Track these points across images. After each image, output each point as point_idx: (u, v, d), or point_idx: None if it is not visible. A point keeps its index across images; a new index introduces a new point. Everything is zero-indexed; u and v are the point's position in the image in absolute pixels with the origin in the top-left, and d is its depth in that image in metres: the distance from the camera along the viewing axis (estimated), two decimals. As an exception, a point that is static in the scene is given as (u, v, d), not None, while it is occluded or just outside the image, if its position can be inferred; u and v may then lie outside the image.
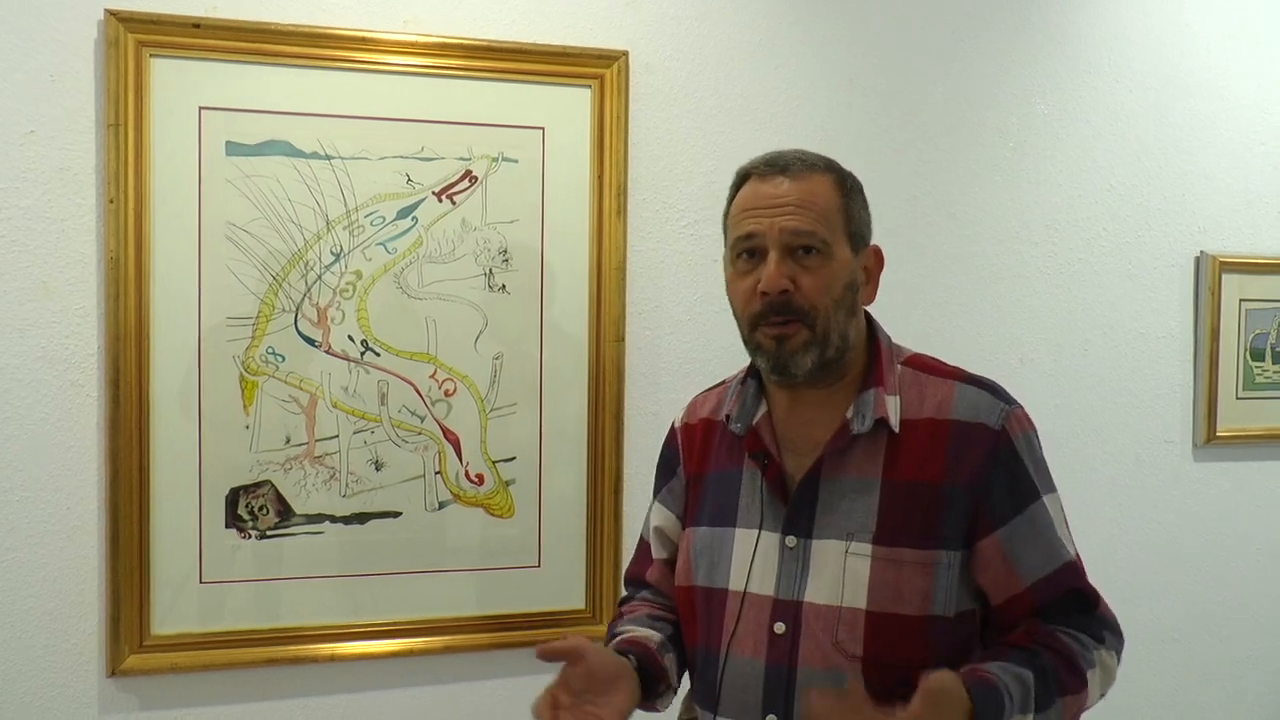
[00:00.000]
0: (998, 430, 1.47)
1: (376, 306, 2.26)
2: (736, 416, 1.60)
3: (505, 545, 2.36)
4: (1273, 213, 2.98)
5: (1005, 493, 1.47)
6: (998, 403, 1.50)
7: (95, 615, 2.15)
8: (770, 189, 1.51)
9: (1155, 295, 2.88)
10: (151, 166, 2.11)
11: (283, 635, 2.23)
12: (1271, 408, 2.98)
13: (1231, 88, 2.93)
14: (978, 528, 1.46)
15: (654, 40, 2.43)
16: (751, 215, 1.51)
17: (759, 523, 1.54)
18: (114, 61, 2.07)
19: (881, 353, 1.55)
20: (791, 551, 1.50)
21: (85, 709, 2.15)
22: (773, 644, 1.48)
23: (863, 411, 1.50)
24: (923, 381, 1.53)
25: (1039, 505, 1.48)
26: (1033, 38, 2.74)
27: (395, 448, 2.28)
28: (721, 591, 1.55)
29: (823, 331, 1.48)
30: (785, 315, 1.47)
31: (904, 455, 1.48)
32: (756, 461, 1.56)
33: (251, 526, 2.21)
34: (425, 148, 2.27)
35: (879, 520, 1.46)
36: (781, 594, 1.49)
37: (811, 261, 1.47)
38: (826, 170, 1.54)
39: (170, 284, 2.14)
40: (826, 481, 1.50)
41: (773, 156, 1.55)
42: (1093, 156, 2.81)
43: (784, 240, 1.47)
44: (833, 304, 1.48)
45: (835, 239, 1.49)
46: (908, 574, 1.44)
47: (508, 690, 2.38)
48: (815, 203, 1.49)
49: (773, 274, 1.46)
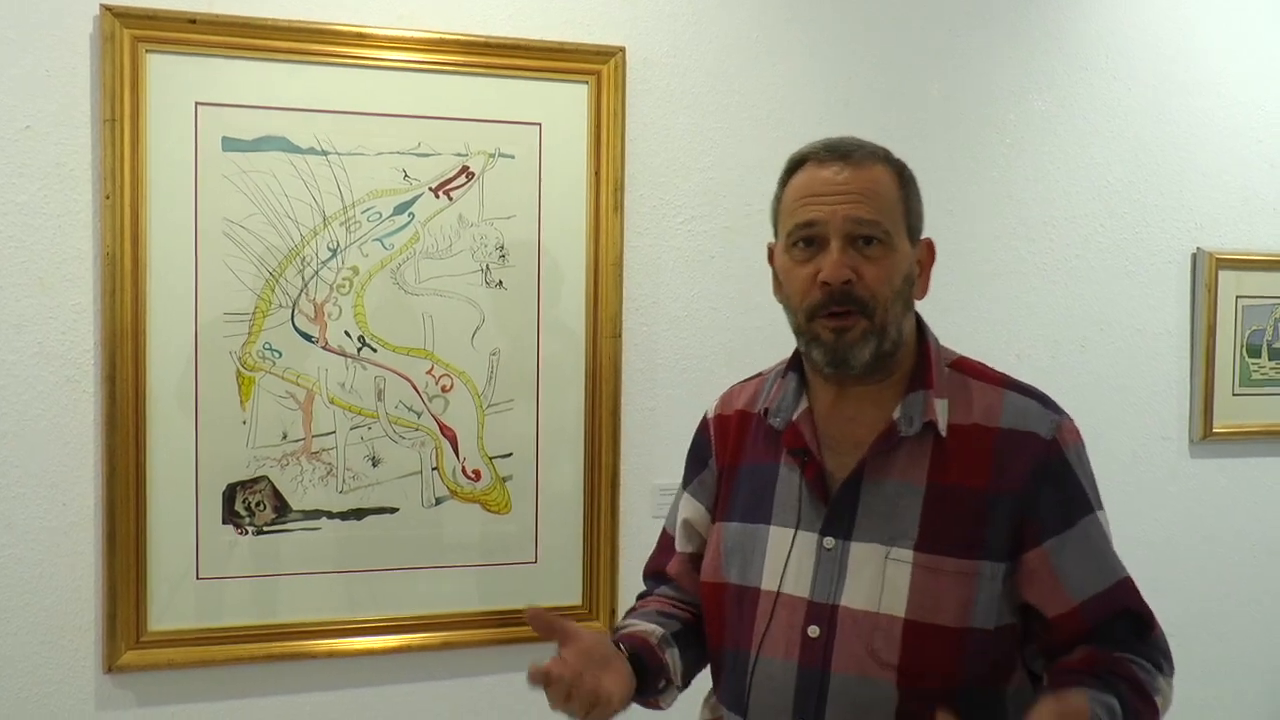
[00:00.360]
0: (1048, 440, 1.42)
1: (373, 302, 2.25)
2: (776, 410, 1.55)
3: (502, 541, 2.36)
4: (1269, 209, 2.98)
5: (1055, 504, 1.41)
6: (1047, 412, 1.45)
7: (92, 611, 2.15)
8: (831, 175, 1.45)
9: (1152, 292, 2.88)
10: (148, 162, 2.11)
11: (279, 631, 2.23)
12: (1268, 404, 2.98)
13: (1228, 85, 2.93)
14: (1024, 539, 1.40)
15: (651, 36, 2.43)
16: (812, 202, 1.45)
17: (796, 521, 1.48)
18: (110, 57, 2.06)
19: (931, 353, 1.50)
20: (829, 553, 1.44)
21: (82, 705, 2.15)
22: (806, 647, 1.43)
23: (911, 413, 1.44)
24: (969, 386, 1.48)
25: (1091, 519, 1.43)
26: (1030, 35, 2.74)
27: (392, 444, 2.28)
28: (754, 590, 1.50)
29: (881, 323, 1.42)
30: (845, 306, 1.41)
31: (950, 460, 1.43)
32: (795, 458, 1.50)
33: (248, 522, 2.21)
34: (422, 143, 2.26)
35: (921, 526, 1.40)
36: (817, 596, 1.43)
37: (873, 252, 1.42)
38: (886, 160, 1.49)
39: (167, 280, 2.14)
40: (869, 483, 1.44)
41: (832, 142, 1.48)
42: (1090, 153, 2.81)
43: (846, 229, 1.42)
44: (892, 295, 1.43)
45: (896, 230, 1.45)
46: (948, 583, 1.38)
47: (504, 686, 2.38)
48: (878, 192, 1.44)
49: (836, 263, 1.41)
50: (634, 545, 2.45)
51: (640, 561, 2.43)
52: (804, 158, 1.50)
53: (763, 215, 2.50)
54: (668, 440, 2.47)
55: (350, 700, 2.30)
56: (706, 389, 2.47)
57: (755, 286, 2.52)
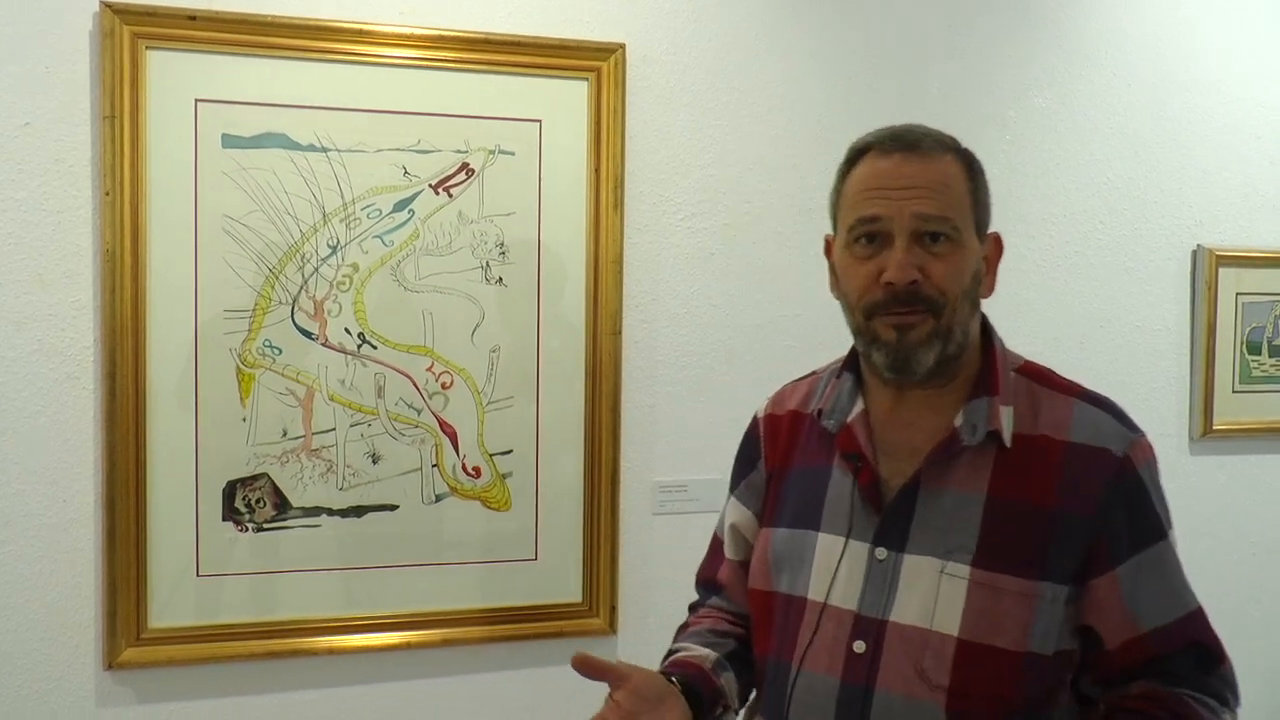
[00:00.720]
0: (1121, 458, 1.33)
1: (373, 299, 2.25)
2: (830, 412, 1.48)
3: (502, 538, 2.36)
4: (1269, 206, 2.98)
5: (1127, 528, 1.32)
6: (1121, 428, 1.36)
7: (92, 608, 2.15)
8: (897, 168, 1.36)
9: (1152, 289, 2.88)
10: (147, 159, 2.11)
11: (280, 628, 2.23)
12: (1267, 401, 2.98)
13: (1228, 82, 2.93)
14: (1093, 564, 1.32)
15: (651, 33, 2.43)
16: (875, 196, 1.37)
17: (847, 530, 1.41)
18: (109, 53, 2.06)
19: (997, 356, 1.43)
20: (881, 565, 1.36)
21: (82, 702, 2.15)
22: (850, 663, 1.36)
23: (974, 421, 1.36)
24: (1037, 394, 1.40)
25: (1165, 545, 1.35)
26: (1031, 32, 2.74)
27: (392, 441, 2.28)
28: (800, 600, 1.43)
29: (947, 324, 1.35)
30: (912, 305, 1.34)
31: (1014, 473, 1.35)
32: (849, 463, 1.43)
33: (248, 519, 2.21)
34: (422, 140, 2.26)
35: (980, 541, 1.32)
36: (865, 610, 1.36)
37: (941, 249, 1.34)
38: (955, 150, 1.40)
39: (166, 277, 2.14)
40: (926, 493, 1.37)
41: (899, 131, 1.40)
42: (1090, 150, 2.81)
43: (913, 226, 1.33)
44: (960, 294, 1.36)
45: (964, 225, 1.37)
46: (1008, 604, 1.30)
47: (505, 683, 2.39)
48: (947, 185, 1.36)
49: (901, 262, 1.33)
50: (634, 542, 2.45)
51: (639, 558, 2.45)
52: (866, 147, 1.42)
53: (762, 212, 2.51)
54: (668, 437, 2.47)
55: (350, 698, 2.31)
56: (706, 386, 2.49)
57: (755, 284, 2.53)
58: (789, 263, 2.54)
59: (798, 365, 2.51)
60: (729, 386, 2.51)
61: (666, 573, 2.47)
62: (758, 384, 2.51)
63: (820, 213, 2.53)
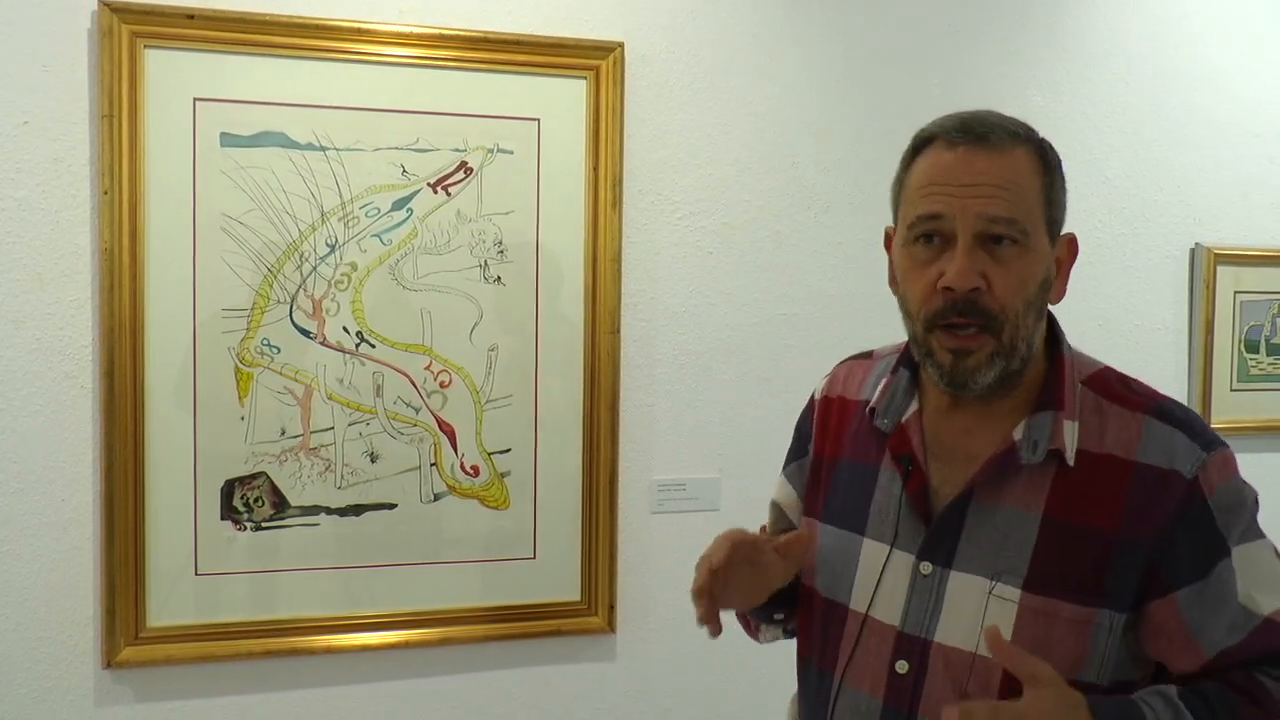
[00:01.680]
0: (1190, 480, 1.23)
1: (372, 298, 2.25)
2: (884, 411, 1.41)
3: (500, 537, 2.36)
4: (1267, 205, 2.98)
5: (1190, 551, 1.23)
6: (1194, 446, 1.25)
7: (90, 607, 2.15)
8: (963, 161, 1.26)
9: (1151, 287, 2.88)
10: (146, 158, 2.11)
11: (278, 627, 2.23)
12: (1266, 399, 2.98)
13: (1227, 81, 2.93)
14: (1152, 587, 1.24)
15: (649, 32, 2.43)
16: (938, 192, 1.26)
17: (892, 538, 1.35)
18: (108, 52, 2.06)
19: (1065, 366, 1.33)
20: (926, 580, 1.30)
21: (81, 701, 2.15)
22: (893, 683, 1.30)
23: (1035, 437, 1.28)
24: (1105, 410, 1.30)
25: (1226, 563, 1.23)
26: (1030, 30, 2.74)
27: (390, 439, 2.28)
28: (842, 608, 1.39)
29: (1010, 340, 1.26)
30: (969, 318, 1.25)
31: (1075, 492, 1.26)
32: (899, 466, 1.36)
33: (247, 518, 2.21)
34: (420, 139, 2.26)
35: (1033, 563, 1.25)
36: (908, 627, 1.31)
37: (1006, 253, 1.24)
38: (1028, 141, 1.30)
39: (165, 275, 2.14)
40: (977, 507, 1.29)
41: (967, 119, 1.28)
42: (1089, 149, 2.81)
43: (977, 227, 1.24)
44: (1024, 306, 1.26)
45: (1034, 227, 1.26)
46: (1061, 632, 1.23)
47: (503, 682, 2.39)
48: (1017, 183, 1.25)
49: (963, 267, 1.23)
50: (632, 541, 2.45)
51: (638, 557, 2.46)
52: (931, 136, 1.31)
53: (760, 210, 2.52)
54: (666, 435, 2.47)
55: (349, 696, 2.31)
56: (705, 384, 2.49)
57: (753, 282, 2.53)
58: (787, 261, 2.54)
59: (796, 364, 2.53)
60: (728, 385, 2.51)
61: (665, 571, 2.47)
62: (756, 383, 2.53)
63: (819, 210, 2.55)
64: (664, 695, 2.49)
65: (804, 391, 1.67)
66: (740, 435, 2.52)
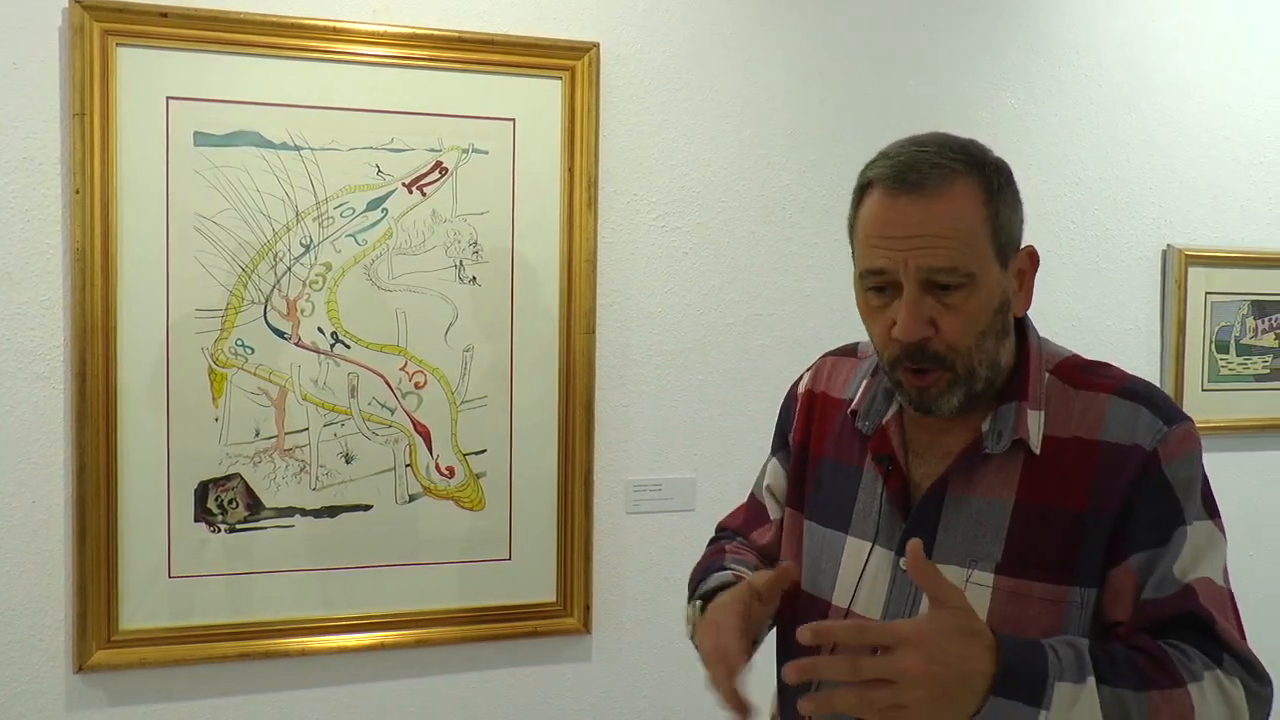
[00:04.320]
0: (1149, 452, 1.27)
1: (346, 298, 2.24)
2: (865, 414, 1.45)
3: (476, 538, 2.35)
4: (1237, 207, 3.01)
5: (1148, 519, 1.27)
6: (1156, 420, 1.29)
7: (62, 610, 2.13)
8: (901, 214, 1.28)
9: (1123, 288, 2.91)
10: (118, 156, 2.09)
11: (253, 630, 2.22)
12: (1236, 399, 3.01)
13: (1197, 84, 2.96)
14: (1112, 555, 1.27)
15: (625, 32, 2.43)
16: (881, 247, 1.29)
17: (873, 535, 1.39)
18: (79, 50, 2.05)
19: (1030, 360, 1.37)
20: (905, 574, 1.32)
21: (52, 705, 2.13)
22: None
23: (1000, 428, 1.32)
24: (1072, 395, 1.35)
25: (1180, 532, 1.27)
26: (1003, 33, 2.75)
27: (365, 440, 2.27)
28: (824, 604, 1.42)
29: (966, 371, 1.30)
30: (922, 363, 1.29)
31: (1044, 476, 1.30)
32: (880, 465, 1.40)
33: (221, 520, 2.20)
34: (395, 139, 2.26)
35: (1006, 547, 1.29)
36: (889, 620, 1.33)
37: (954, 299, 1.27)
38: (968, 172, 1.30)
39: (137, 275, 2.12)
40: (952, 499, 1.34)
41: (903, 166, 1.29)
42: (1062, 151, 2.83)
43: (920, 277, 1.26)
44: (977, 340, 1.29)
45: (981, 264, 1.28)
46: (1034, 611, 1.27)
47: (479, 683, 2.38)
48: (957, 227, 1.26)
49: (907, 321, 1.27)
50: (608, 541, 2.45)
51: (613, 557, 2.45)
52: (871, 181, 1.33)
53: (736, 211, 2.52)
54: (642, 436, 2.47)
55: (324, 699, 2.30)
56: (680, 384, 2.49)
57: (729, 282, 2.53)
58: (763, 262, 2.54)
59: (772, 364, 2.53)
60: (703, 385, 2.51)
61: (641, 571, 2.48)
62: (732, 383, 2.53)
63: (794, 210, 2.56)
64: (640, 695, 2.49)
65: (779, 392, 1.68)
66: (716, 435, 2.52)
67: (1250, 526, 3.04)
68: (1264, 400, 3.05)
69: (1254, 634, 1.34)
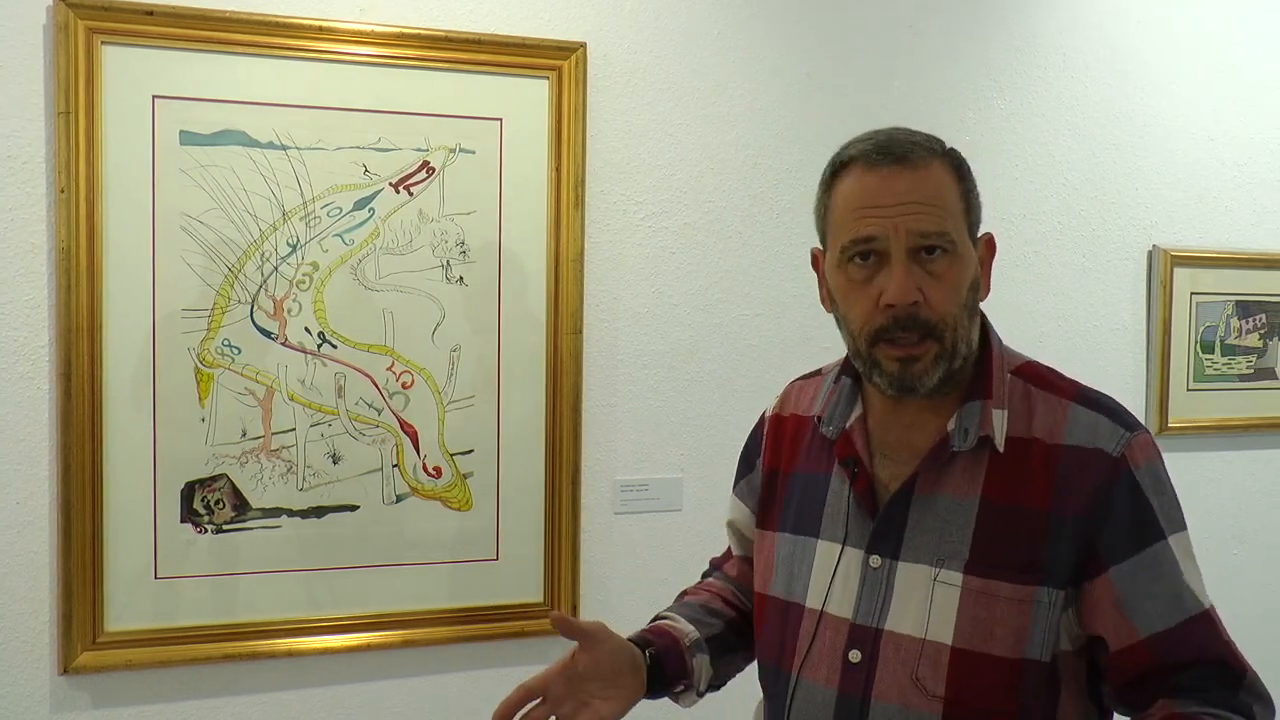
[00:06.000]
0: (1115, 458, 1.29)
1: (333, 298, 2.24)
2: (829, 419, 1.46)
3: (463, 538, 2.35)
4: (1222, 208, 3.03)
5: (1122, 527, 1.28)
6: (1117, 428, 1.31)
7: (47, 612, 2.12)
8: (887, 182, 1.31)
9: (1109, 288, 2.92)
10: (103, 155, 2.08)
11: (240, 631, 2.22)
12: (1221, 399, 3.03)
13: (1182, 85, 2.97)
14: (1088, 565, 1.28)
15: (612, 32, 2.43)
16: (868, 214, 1.31)
17: (843, 537, 1.40)
18: (64, 48, 2.04)
19: (993, 359, 1.38)
20: (875, 572, 1.35)
21: (37, 707, 2.12)
22: (847, 673, 1.34)
23: (966, 425, 1.34)
24: (1033, 397, 1.36)
25: (1163, 545, 1.29)
26: (989, 34, 2.76)
27: (352, 441, 2.27)
28: (798, 607, 1.43)
29: (951, 343, 1.31)
30: (913, 330, 1.30)
31: (1009, 475, 1.32)
32: (846, 469, 1.42)
33: (207, 521, 2.19)
34: (382, 138, 2.25)
35: (973, 546, 1.30)
36: (860, 619, 1.35)
37: (938, 265, 1.30)
38: (942, 155, 1.36)
39: (123, 275, 2.11)
40: (919, 498, 1.35)
41: (882, 141, 1.34)
42: (1048, 151, 2.84)
43: (910, 243, 1.29)
44: (960, 310, 1.32)
45: (960, 234, 1.32)
46: (1002, 610, 1.28)
47: (467, 683, 2.38)
48: (941, 195, 1.31)
49: (902, 284, 1.28)
50: (595, 542, 2.45)
51: (601, 557, 2.46)
52: (851, 159, 1.36)
53: (723, 211, 2.52)
54: (629, 436, 2.47)
55: (311, 700, 2.29)
56: (668, 385, 2.50)
57: (716, 283, 2.53)
58: (750, 262, 2.55)
59: (759, 364, 2.54)
60: (690, 385, 2.52)
61: (628, 572, 2.48)
62: (719, 383, 2.53)
63: (781, 210, 2.56)
64: (628, 696, 2.49)
65: (766, 392, 1.68)
66: (703, 435, 2.53)
67: (1235, 525, 3.05)
68: (1248, 400, 3.07)
69: (1239, 632, 1.35)
